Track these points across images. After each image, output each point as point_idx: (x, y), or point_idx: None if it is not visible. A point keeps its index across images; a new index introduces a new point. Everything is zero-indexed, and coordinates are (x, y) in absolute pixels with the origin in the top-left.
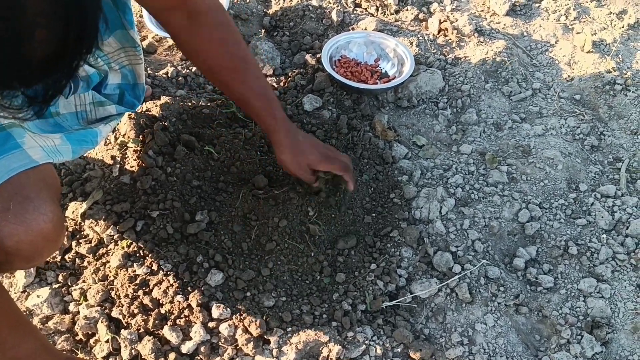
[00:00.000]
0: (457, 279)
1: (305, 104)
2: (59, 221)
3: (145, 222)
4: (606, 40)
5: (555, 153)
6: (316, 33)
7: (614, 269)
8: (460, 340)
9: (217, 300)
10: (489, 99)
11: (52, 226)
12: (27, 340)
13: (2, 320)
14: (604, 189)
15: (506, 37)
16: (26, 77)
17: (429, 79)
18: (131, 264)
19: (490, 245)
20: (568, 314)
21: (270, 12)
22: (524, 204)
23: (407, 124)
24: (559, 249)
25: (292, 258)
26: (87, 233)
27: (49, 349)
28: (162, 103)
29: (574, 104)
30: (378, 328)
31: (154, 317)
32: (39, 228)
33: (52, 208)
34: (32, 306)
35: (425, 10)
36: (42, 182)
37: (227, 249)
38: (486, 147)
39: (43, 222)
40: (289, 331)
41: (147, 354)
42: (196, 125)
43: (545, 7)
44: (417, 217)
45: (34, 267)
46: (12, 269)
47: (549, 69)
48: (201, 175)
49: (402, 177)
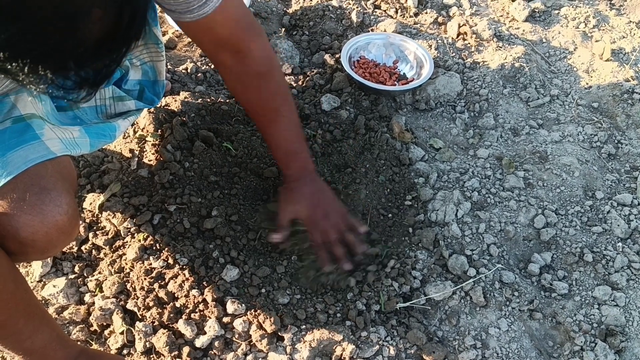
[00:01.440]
0: (472, 282)
1: (323, 103)
2: (74, 213)
3: (162, 216)
4: (625, 49)
5: (572, 160)
6: (335, 33)
7: (629, 278)
8: (474, 343)
9: (232, 295)
10: (507, 104)
11: (67, 218)
12: (42, 331)
13: (19, 310)
14: (620, 197)
15: (525, 43)
16: (80, 57)
17: (447, 82)
18: (147, 257)
19: (505, 249)
20: (582, 321)
21: (290, 11)
22: (540, 210)
23: (424, 127)
24: (574, 256)
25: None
26: (104, 225)
27: (64, 340)
28: (182, 99)
29: (592, 111)
30: (392, 329)
31: (169, 310)
32: (54, 220)
33: (68, 200)
34: (48, 296)
35: (444, 14)
36: (59, 174)
37: (242, 245)
38: (503, 152)
39: (58, 214)
40: (303, 329)
41: (162, 347)
42: (214, 121)
43: (564, 14)
44: (432, 220)
45: (48, 258)
46: (27, 260)
47: (567, 76)
48: (219, 171)
49: (418, 179)
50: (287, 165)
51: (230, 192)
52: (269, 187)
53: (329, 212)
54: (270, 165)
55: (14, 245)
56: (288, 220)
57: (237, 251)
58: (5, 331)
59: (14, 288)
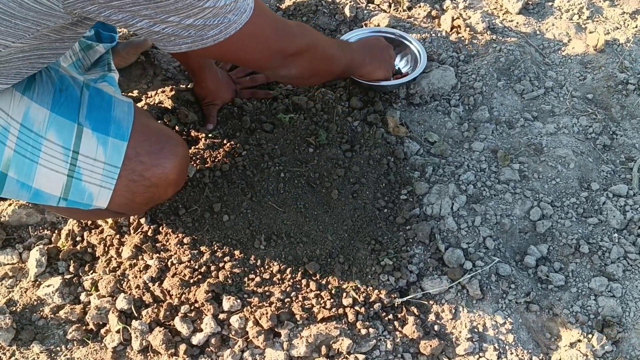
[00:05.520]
0: (468, 275)
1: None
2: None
3: (158, 213)
4: (619, 40)
5: (567, 152)
6: (329, 28)
7: (625, 268)
8: (471, 336)
9: (228, 292)
10: (501, 96)
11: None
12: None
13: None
14: (615, 188)
15: (519, 35)
16: None
17: (441, 76)
18: (143, 254)
19: (501, 242)
20: (579, 313)
21: (283, 6)
22: (535, 202)
23: (419, 121)
24: (570, 248)
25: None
26: (99, 223)
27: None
28: (172, 94)
29: (587, 103)
30: (388, 323)
31: (165, 308)
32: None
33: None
34: (43, 295)
35: (437, 8)
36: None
37: (239, 240)
38: (498, 145)
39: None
40: (299, 324)
41: (158, 344)
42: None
43: (558, 6)
44: (428, 214)
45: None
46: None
47: (561, 67)
48: (215, 166)
49: (413, 173)
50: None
51: (227, 189)
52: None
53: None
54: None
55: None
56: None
57: (234, 247)
58: None
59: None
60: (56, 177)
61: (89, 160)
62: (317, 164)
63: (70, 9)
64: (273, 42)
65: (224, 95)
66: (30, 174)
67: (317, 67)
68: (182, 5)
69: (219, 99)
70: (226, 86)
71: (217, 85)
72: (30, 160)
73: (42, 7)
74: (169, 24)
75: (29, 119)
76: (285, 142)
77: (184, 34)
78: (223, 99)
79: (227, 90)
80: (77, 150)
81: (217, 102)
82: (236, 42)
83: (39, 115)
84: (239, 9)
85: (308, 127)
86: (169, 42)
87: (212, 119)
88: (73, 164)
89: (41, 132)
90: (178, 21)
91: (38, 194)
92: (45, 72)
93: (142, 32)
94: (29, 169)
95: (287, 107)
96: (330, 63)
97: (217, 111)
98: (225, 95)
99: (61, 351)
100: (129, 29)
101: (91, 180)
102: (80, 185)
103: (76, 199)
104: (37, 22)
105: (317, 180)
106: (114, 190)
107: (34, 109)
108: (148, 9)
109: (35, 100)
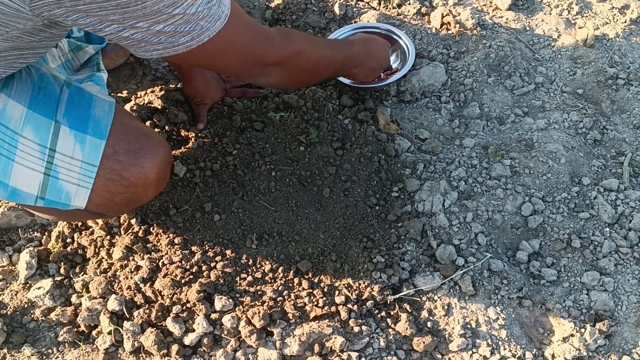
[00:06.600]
0: (461, 272)
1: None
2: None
3: (148, 213)
4: (609, 35)
5: (558, 147)
6: (318, 26)
7: (617, 262)
8: (464, 332)
9: (220, 292)
10: (492, 92)
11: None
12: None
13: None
14: (606, 182)
15: (509, 31)
16: None
17: (431, 73)
18: (133, 255)
19: (493, 238)
20: (571, 307)
21: (272, 5)
22: (527, 198)
23: (409, 118)
24: (562, 243)
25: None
26: (89, 224)
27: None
28: (162, 94)
29: (577, 98)
30: (381, 320)
31: (156, 309)
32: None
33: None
34: (34, 298)
35: (427, 4)
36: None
37: (230, 240)
38: (489, 141)
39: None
40: (292, 323)
41: (150, 345)
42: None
43: (547, 2)
44: (420, 210)
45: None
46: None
47: (551, 63)
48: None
49: (405, 170)
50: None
51: (218, 189)
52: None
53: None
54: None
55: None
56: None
57: (225, 246)
58: None
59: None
60: (33, 175)
61: (66, 158)
62: (308, 162)
63: (37, 12)
64: (249, 50)
65: (213, 95)
66: (6, 172)
67: (299, 76)
68: (151, 11)
69: (209, 98)
70: (216, 85)
71: (207, 84)
72: (6, 157)
73: (9, 10)
74: (138, 29)
75: (5, 115)
76: (276, 140)
77: (154, 40)
78: (213, 98)
79: (216, 90)
80: (54, 148)
81: (207, 101)
82: (210, 49)
83: (16, 113)
84: (212, 16)
85: (299, 126)
86: (139, 48)
87: (202, 118)
88: (50, 162)
89: (17, 129)
90: (147, 27)
91: (15, 193)
92: (26, 71)
93: (112, 38)
94: (5, 166)
95: (277, 106)
96: (315, 70)
97: (207, 110)
98: (215, 94)
99: (53, 354)
100: (98, 33)
101: (68, 179)
102: (58, 183)
103: (54, 198)
104: (5, 24)
105: (308, 178)
106: (92, 190)
107: (10, 106)
108: (116, 14)
109: (13, 97)
